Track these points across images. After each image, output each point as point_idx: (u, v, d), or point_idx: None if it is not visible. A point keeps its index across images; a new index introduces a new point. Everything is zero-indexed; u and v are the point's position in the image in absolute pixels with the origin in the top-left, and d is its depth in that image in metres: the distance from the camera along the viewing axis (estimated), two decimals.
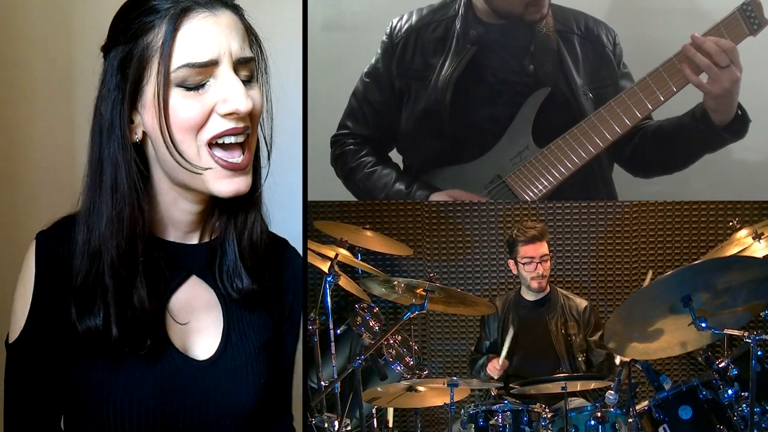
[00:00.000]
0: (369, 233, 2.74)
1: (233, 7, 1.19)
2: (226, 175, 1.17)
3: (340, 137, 2.49)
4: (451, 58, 2.27)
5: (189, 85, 1.12)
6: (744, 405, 2.08)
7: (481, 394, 2.68)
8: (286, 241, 1.46)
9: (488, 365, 2.66)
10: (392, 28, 2.39)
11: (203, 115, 1.14)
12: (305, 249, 2.46)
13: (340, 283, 2.53)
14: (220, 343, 1.30)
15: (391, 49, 2.37)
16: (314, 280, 2.66)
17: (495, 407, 2.29)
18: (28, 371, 1.21)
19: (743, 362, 2.11)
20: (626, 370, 2.24)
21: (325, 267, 2.46)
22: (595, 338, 2.68)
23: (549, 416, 2.27)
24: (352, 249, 2.66)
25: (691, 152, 2.29)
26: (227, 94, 1.13)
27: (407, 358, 2.66)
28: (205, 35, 1.13)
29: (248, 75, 1.18)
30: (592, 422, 2.23)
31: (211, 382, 1.27)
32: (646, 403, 2.25)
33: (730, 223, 2.49)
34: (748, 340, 1.96)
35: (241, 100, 1.13)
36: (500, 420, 2.26)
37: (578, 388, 2.44)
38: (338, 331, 2.60)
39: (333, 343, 2.48)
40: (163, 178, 1.21)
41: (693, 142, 2.23)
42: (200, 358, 1.27)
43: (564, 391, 2.26)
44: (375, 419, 2.64)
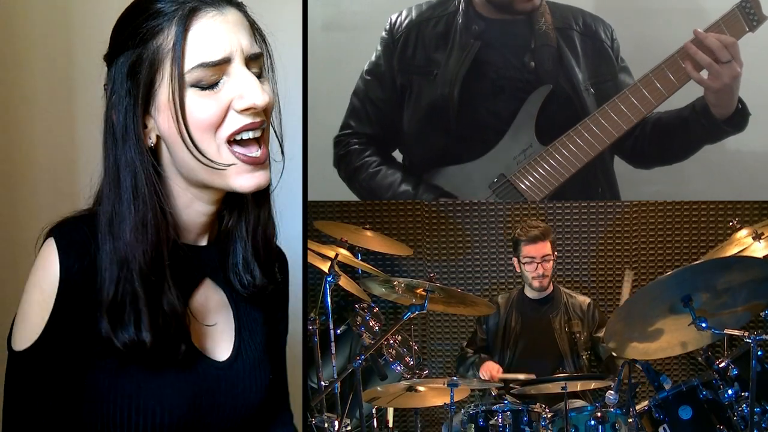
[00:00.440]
0: (369, 233, 2.74)
1: (237, 4, 1.19)
2: (247, 170, 1.17)
3: (344, 137, 2.48)
4: (456, 54, 2.27)
5: (203, 84, 1.12)
6: (744, 405, 2.08)
7: (481, 394, 2.68)
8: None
9: (483, 367, 2.65)
10: (392, 24, 2.39)
11: (220, 114, 1.13)
12: (305, 249, 2.46)
13: (340, 283, 2.53)
14: (234, 343, 1.31)
15: (392, 45, 2.37)
16: (314, 280, 2.66)
17: (495, 407, 2.29)
18: (38, 381, 1.17)
19: (743, 362, 2.11)
20: (626, 370, 2.24)
21: (325, 267, 2.46)
22: (600, 334, 2.68)
23: (549, 416, 2.27)
24: (352, 249, 2.66)
25: (691, 144, 2.31)
26: (243, 90, 1.13)
27: (407, 358, 2.66)
28: (215, 34, 1.13)
29: (258, 71, 1.18)
30: (592, 422, 2.23)
31: (231, 382, 1.28)
32: (646, 403, 2.25)
33: (730, 223, 2.49)
34: (748, 340, 1.96)
35: (258, 95, 1.13)
36: (500, 420, 2.26)
37: (578, 388, 2.44)
38: (338, 331, 2.60)
39: (333, 343, 2.48)
40: (179, 181, 1.21)
41: (693, 134, 2.26)
42: (219, 359, 1.29)
43: (564, 391, 2.26)
44: (375, 419, 2.64)
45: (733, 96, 2.17)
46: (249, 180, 1.17)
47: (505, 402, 2.34)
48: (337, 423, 2.37)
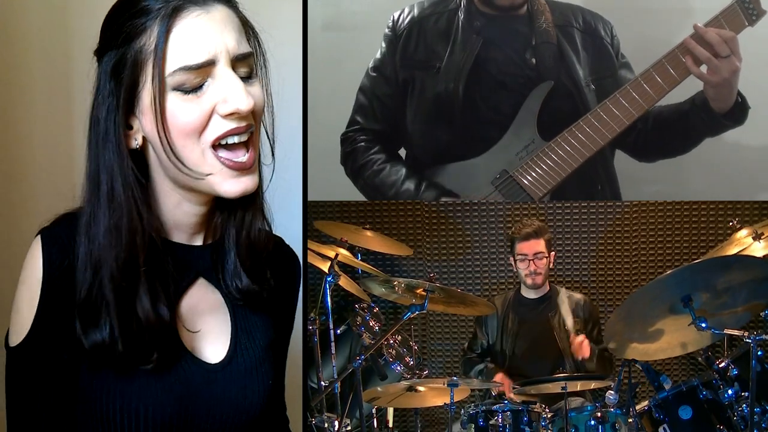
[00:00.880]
0: (369, 233, 2.74)
1: (226, 0, 1.14)
2: (232, 176, 1.13)
3: (351, 134, 2.48)
4: (459, 49, 2.28)
5: (186, 88, 1.08)
6: (744, 405, 2.08)
7: (482, 394, 2.68)
8: (282, 240, 1.44)
9: (497, 377, 2.65)
10: (394, 21, 2.40)
11: (203, 118, 1.10)
12: (305, 249, 2.46)
13: (340, 283, 2.53)
14: (230, 345, 1.27)
15: (394, 41, 2.38)
16: (314, 280, 2.66)
17: (495, 407, 2.29)
18: (33, 376, 1.17)
19: (743, 362, 2.11)
20: (626, 370, 2.24)
21: (325, 267, 2.46)
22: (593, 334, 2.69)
23: (549, 416, 2.27)
24: (352, 249, 2.66)
25: (692, 138, 2.32)
26: (227, 93, 1.09)
27: (407, 358, 2.66)
28: (199, 35, 1.08)
29: (247, 71, 1.14)
30: (592, 422, 2.22)
31: (223, 385, 1.24)
32: (646, 403, 2.25)
33: (730, 223, 2.49)
34: (748, 340, 1.96)
35: (242, 99, 1.09)
36: (500, 420, 2.26)
37: (578, 388, 2.44)
38: (338, 331, 2.60)
39: (333, 343, 2.48)
40: (166, 182, 1.18)
41: (693, 128, 2.27)
42: (211, 362, 1.25)
43: (564, 391, 2.26)
44: (375, 419, 2.64)
45: (733, 90, 2.18)
46: (234, 185, 1.14)
47: (505, 402, 2.34)
48: (337, 423, 2.37)
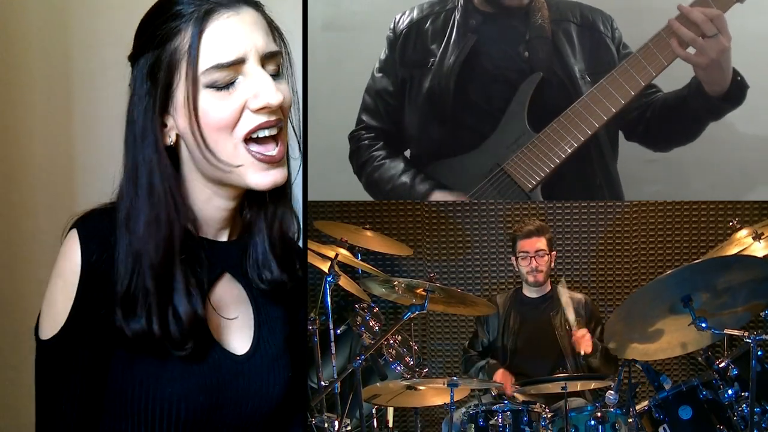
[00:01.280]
0: (369, 233, 2.74)
1: (254, 4, 1.22)
2: (262, 168, 1.20)
3: (357, 132, 2.50)
4: (453, 46, 2.29)
5: (219, 85, 1.15)
6: (744, 405, 2.07)
7: (482, 394, 2.68)
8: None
9: (497, 375, 2.65)
10: (396, 22, 2.42)
11: (235, 114, 1.16)
12: (305, 249, 2.45)
13: (340, 283, 2.53)
14: (253, 338, 1.33)
15: (394, 42, 2.41)
16: (314, 280, 2.66)
17: (495, 407, 2.29)
18: (66, 369, 1.21)
19: (743, 362, 2.11)
20: (626, 370, 2.24)
21: (325, 267, 2.46)
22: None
23: (549, 416, 2.27)
24: (352, 249, 2.66)
25: (694, 123, 2.28)
26: (257, 89, 1.16)
27: (407, 358, 2.66)
28: (230, 35, 1.15)
29: (275, 69, 1.21)
30: (592, 422, 2.22)
31: (249, 376, 1.30)
32: (646, 403, 2.24)
33: (730, 223, 2.49)
34: (748, 340, 1.95)
35: (272, 94, 1.16)
36: (500, 420, 2.25)
37: (578, 388, 2.44)
38: (338, 331, 2.60)
39: (333, 343, 2.48)
40: (198, 177, 1.24)
41: (694, 112, 2.23)
42: (238, 353, 1.31)
43: (564, 391, 2.26)
44: (375, 419, 2.64)
45: (724, 71, 2.10)
46: (264, 178, 1.20)
47: (505, 402, 2.34)
48: (337, 423, 2.37)
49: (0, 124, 2.28)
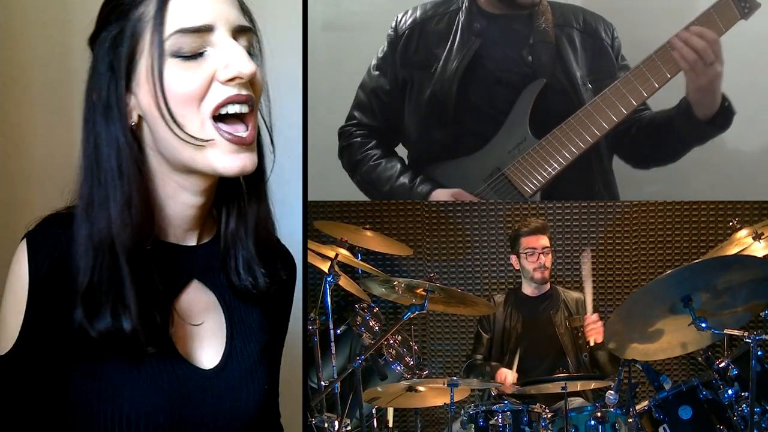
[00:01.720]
0: (369, 233, 2.74)
1: None
2: (231, 150, 1.09)
3: (348, 128, 2.50)
4: (457, 50, 2.29)
5: (185, 53, 1.06)
6: (744, 405, 2.08)
7: (481, 394, 2.68)
8: (278, 239, 1.40)
9: (498, 375, 2.65)
10: (397, 21, 2.42)
11: (203, 85, 1.07)
12: (305, 249, 2.46)
13: (340, 283, 2.53)
14: (225, 350, 1.23)
15: (396, 41, 2.40)
16: (314, 280, 2.66)
17: (495, 407, 2.29)
18: (22, 386, 1.14)
19: (743, 362, 2.11)
20: (626, 370, 2.24)
21: (325, 267, 2.46)
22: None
23: (549, 416, 2.27)
24: (352, 249, 2.66)
25: (679, 145, 2.31)
26: (228, 59, 1.07)
27: (407, 358, 2.66)
28: (198, 1, 1.07)
29: (247, 46, 1.11)
30: (592, 422, 2.22)
31: (218, 391, 1.20)
32: (646, 403, 2.24)
33: (730, 223, 2.49)
34: (748, 340, 1.96)
35: (244, 63, 1.06)
36: (500, 420, 2.26)
37: (578, 388, 2.44)
38: (338, 331, 2.60)
39: (333, 343, 2.48)
40: (162, 167, 1.14)
41: (679, 134, 2.25)
42: (205, 367, 1.21)
43: (564, 391, 2.26)
44: (375, 419, 2.64)
45: (714, 96, 2.15)
46: (233, 161, 1.09)
47: (505, 402, 2.34)
48: (337, 423, 2.37)
49: (0, 124, 2.28)
